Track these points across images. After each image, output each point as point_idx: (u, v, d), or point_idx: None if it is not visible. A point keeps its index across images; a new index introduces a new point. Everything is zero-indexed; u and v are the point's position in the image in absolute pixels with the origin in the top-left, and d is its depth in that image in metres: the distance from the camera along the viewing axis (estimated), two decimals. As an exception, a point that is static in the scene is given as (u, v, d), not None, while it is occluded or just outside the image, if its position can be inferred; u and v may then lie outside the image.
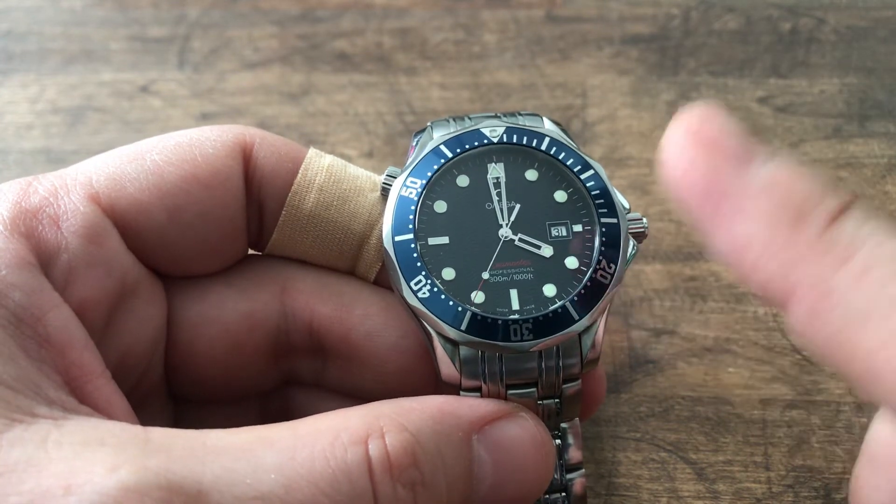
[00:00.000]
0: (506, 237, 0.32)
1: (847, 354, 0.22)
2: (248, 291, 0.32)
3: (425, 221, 0.32)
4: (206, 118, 0.51)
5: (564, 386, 0.31)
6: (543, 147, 0.33)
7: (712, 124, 0.24)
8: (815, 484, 0.38)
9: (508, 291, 0.31)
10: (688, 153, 0.24)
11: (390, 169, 0.33)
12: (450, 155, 0.33)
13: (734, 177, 0.23)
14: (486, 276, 0.31)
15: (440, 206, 0.32)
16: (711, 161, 0.24)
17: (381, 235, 0.32)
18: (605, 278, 0.31)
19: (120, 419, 0.27)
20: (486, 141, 0.33)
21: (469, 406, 0.29)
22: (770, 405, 0.40)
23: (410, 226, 0.31)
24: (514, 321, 0.30)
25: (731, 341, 0.42)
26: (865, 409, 0.40)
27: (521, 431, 0.29)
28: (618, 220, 0.32)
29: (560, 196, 0.33)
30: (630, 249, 0.32)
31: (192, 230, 0.31)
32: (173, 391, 0.34)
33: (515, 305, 0.31)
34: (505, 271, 0.31)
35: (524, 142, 0.33)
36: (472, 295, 0.31)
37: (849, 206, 0.23)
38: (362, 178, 0.33)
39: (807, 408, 0.40)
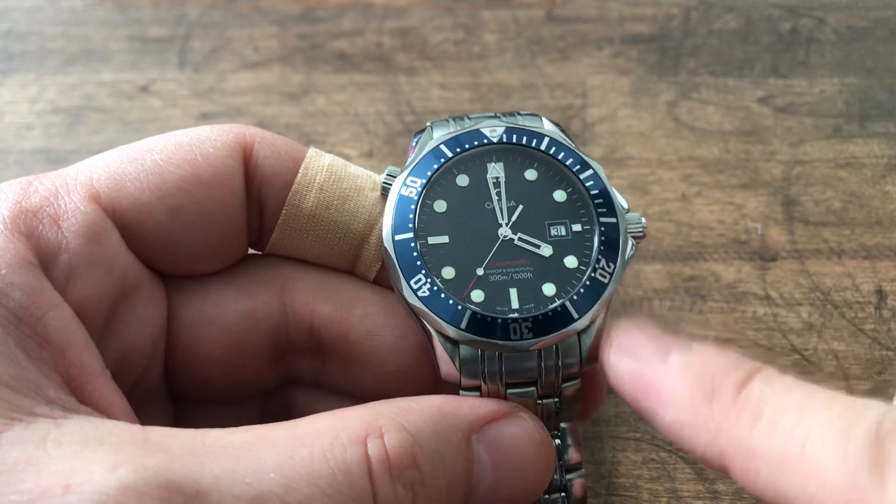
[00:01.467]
0: (505, 236, 0.32)
1: (783, 501, 0.24)
2: (249, 291, 0.32)
3: (425, 221, 0.32)
4: (206, 118, 0.51)
5: (564, 385, 0.31)
6: (543, 147, 0.33)
7: (631, 334, 0.29)
8: (815, 484, 0.38)
9: (508, 290, 0.31)
10: (619, 358, 0.29)
11: (390, 168, 0.33)
12: (450, 154, 0.33)
13: (657, 367, 0.28)
14: (480, 272, 0.31)
15: (440, 206, 0.32)
16: (637, 359, 0.28)
17: (381, 235, 0.32)
18: (605, 277, 0.31)
19: (119, 419, 0.27)
20: (485, 141, 0.33)
21: (468, 406, 0.29)
22: (770, 405, 0.40)
23: (410, 225, 0.31)
24: (514, 320, 0.30)
25: (731, 341, 0.42)
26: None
27: (521, 431, 0.29)
28: (617, 219, 0.32)
29: (559, 196, 0.33)
30: (629, 249, 0.32)
31: (193, 230, 0.31)
32: (173, 391, 0.34)
33: (515, 304, 0.31)
34: (504, 270, 0.31)
35: (524, 142, 0.33)
36: (467, 291, 0.31)
37: (754, 373, 0.26)
38: (362, 178, 0.33)
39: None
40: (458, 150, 0.33)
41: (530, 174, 0.33)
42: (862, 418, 0.23)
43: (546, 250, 0.32)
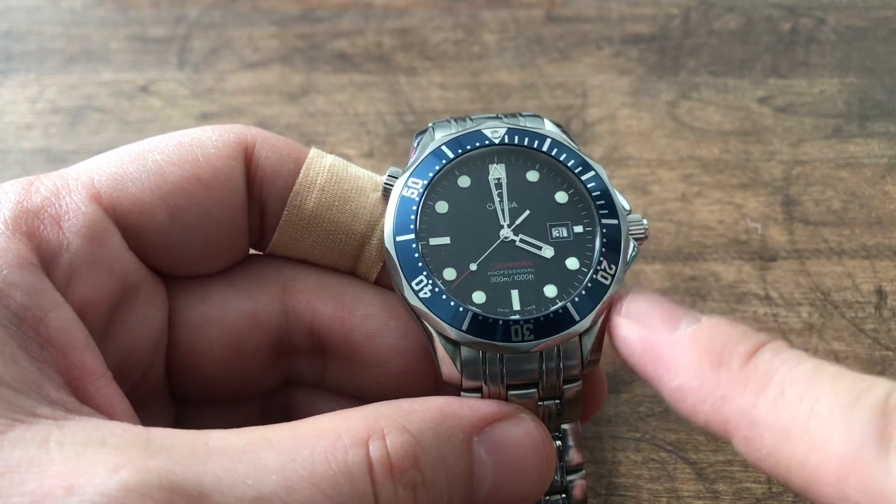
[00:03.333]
0: (506, 237, 0.32)
1: (784, 471, 0.24)
2: (250, 291, 0.32)
3: (427, 222, 0.32)
4: (206, 118, 0.51)
5: (565, 387, 0.31)
6: (545, 148, 0.33)
7: (641, 302, 0.30)
8: (815, 484, 0.38)
9: (509, 292, 0.31)
10: (628, 326, 0.29)
11: (392, 169, 0.33)
12: (451, 156, 0.33)
13: (666, 336, 0.28)
14: (473, 267, 0.31)
15: (441, 207, 0.32)
16: (646, 327, 0.29)
17: (382, 235, 0.32)
18: (606, 279, 0.31)
19: (121, 419, 0.27)
20: (487, 142, 0.33)
21: (470, 407, 0.29)
22: (770, 405, 0.40)
23: (412, 226, 0.31)
24: (515, 321, 0.30)
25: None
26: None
27: (522, 433, 0.29)
28: (618, 221, 0.32)
29: (561, 197, 0.33)
30: (630, 251, 0.32)
31: (194, 230, 0.31)
32: (174, 391, 0.34)
33: (516, 306, 0.31)
34: (506, 272, 0.31)
35: (525, 143, 0.33)
36: (457, 282, 0.31)
37: (763, 344, 0.26)
38: (364, 178, 0.33)
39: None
40: (459, 151, 0.33)
41: (532, 175, 0.33)
42: (870, 393, 0.23)
43: (548, 252, 0.32)
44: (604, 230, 0.32)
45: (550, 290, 0.31)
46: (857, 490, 0.23)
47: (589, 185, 0.33)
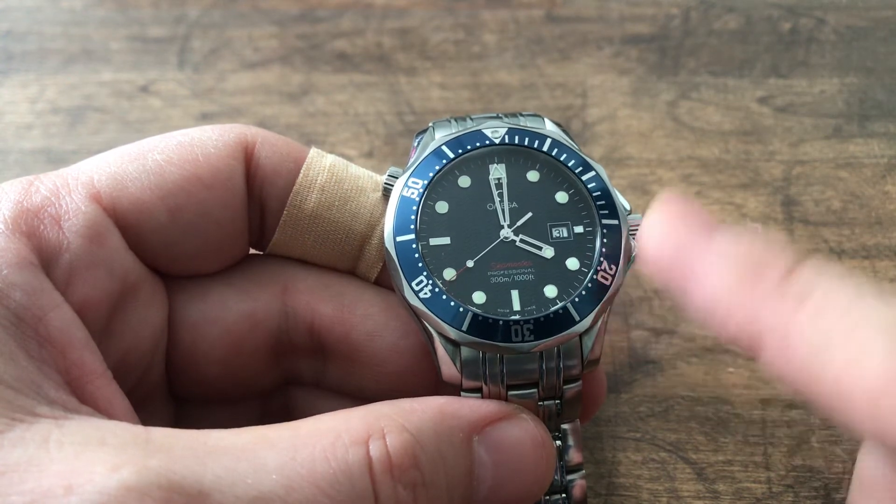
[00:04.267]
0: (507, 238, 0.32)
1: (815, 386, 0.24)
2: (250, 291, 0.32)
3: (427, 222, 0.32)
4: (206, 118, 0.51)
5: (565, 387, 0.31)
6: (545, 148, 0.33)
7: (682, 205, 0.28)
8: (815, 484, 0.38)
9: (510, 292, 0.31)
10: (662, 228, 0.27)
11: (392, 169, 0.33)
12: (451, 155, 0.33)
13: (701, 244, 0.26)
14: (470, 263, 0.31)
15: (442, 207, 0.32)
16: (681, 232, 0.27)
17: (382, 235, 0.32)
18: (606, 280, 0.31)
19: (121, 419, 0.27)
20: (487, 142, 0.33)
21: (470, 407, 0.29)
22: (770, 405, 0.40)
23: (412, 226, 0.31)
24: (515, 322, 0.30)
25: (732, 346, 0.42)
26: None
27: (522, 433, 0.29)
28: (619, 221, 0.32)
29: (561, 197, 0.33)
30: (631, 251, 0.32)
31: (194, 230, 0.31)
32: (174, 391, 0.34)
33: (516, 306, 0.31)
34: (506, 272, 0.31)
35: (526, 143, 0.33)
36: (448, 274, 0.31)
37: (803, 259, 0.25)
38: (364, 178, 0.33)
39: (807, 407, 0.40)
40: (459, 151, 0.33)
41: (532, 175, 0.33)
42: None
43: (548, 252, 0.32)
44: (604, 230, 0.32)
45: (551, 291, 0.31)
46: (891, 411, 0.22)
47: (589, 185, 0.33)
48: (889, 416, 0.22)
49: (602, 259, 0.31)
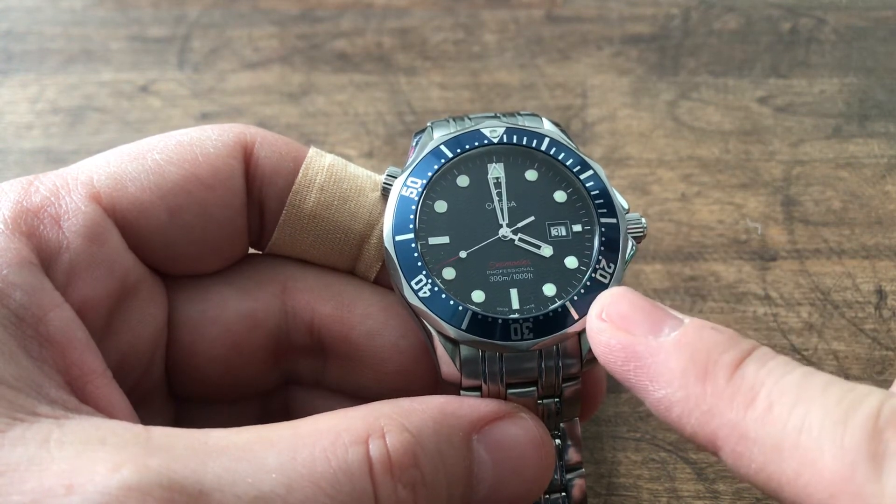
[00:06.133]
0: (505, 237, 0.32)
1: (774, 487, 0.24)
2: (249, 291, 0.32)
3: (426, 221, 0.32)
4: (206, 118, 0.51)
5: (564, 386, 0.31)
6: (543, 147, 0.33)
7: (622, 305, 0.28)
8: (815, 483, 0.38)
9: (508, 291, 0.31)
10: (609, 332, 0.28)
11: (391, 169, 0.33)
12: (450, 155, 0.33)
13: (649, 344, 0.27)
14: (463, 255, 0.31)
15: (440, 206, 0.32)
16: (627, 335, 0.27)
17: (381, 235, 0.32)
18: (605, 278, 0.31)
19: (121, 418, 0.27)
20: (486, 141, 0.33)
21: (469, 406, 0.29)
22: (770, 405, 0.40)
23: (411, 225, 0.31)
24: (514, 320, 0.30)
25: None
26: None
27: (521, 432, 0.29)
28: (617, 220, 0.32)
29: (560, 196, 0.33)
30: (629, 249, 0.32)
31: (193, 229, 0.31)
32: (174, 390, 0.34)
33: (515, 305, 0.31)
34: (505, 271, 0.31)
35: (524, 142, 0.33)
36: (440, 266, 0.31)
37: (749, 353, 0.26)
38: (363, 178, 0.33)
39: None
40: (458, 150, 0.33)
41: (531, 174, 0.33)
42: (860, 406, 0.23)
43: (546, 251, 0.32)
44: (602, 229, 0.32)
45: (549, 289, 0.31)
46: None
47: (588, 185, 0.33)
48: None
49: (600, 257, 0.31)
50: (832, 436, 0.23)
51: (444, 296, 0.30)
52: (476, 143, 0.33)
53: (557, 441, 0.32)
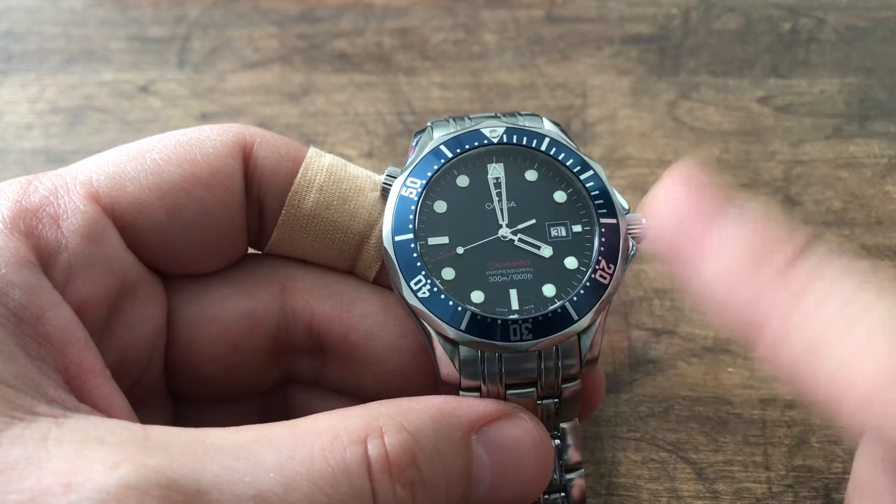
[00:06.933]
0: (505, 237, 0.32)
1: (812, 379, 0.23)
2: (248, 290, 0.32)
3: (425, 221, 0.32)
4: (206, 118, 0.51)
5: (563, 386, 0.31)
6: (543, 147, 0.33)
7: (696, 175, 0.27)
8: (815, 484, 0.38)
9: (508, 291, 0.31)
10: (672, 197, 0.27)
11: (390, 169, 0.33)
12: (450, 155, 0.33)
13: (710, 219, 0.26)
14: (460, 250, 0.31)
15: (440, 206, 0.32)
16: (691, 204, 0.26)
17: (380, 235, 0.32)
18: (605, 279, 0.31)
19: (119, 417, 0.27)
20: (485, 141, 0.33)
21: (468, 406, 0.29)
22: (770, 405, 0.40)
23: (410, 226, 0.31)
24: (514, 321, 0.30)
25: (731, 341, 0.42)
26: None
27: (521, 432, 0.29)
28: (617, 220, 0.32)
29: (560, 196, 0.33)
30: (629, 250, 0.32)
31: (192, 229, 0.31)
32: (173, 390, 0.34)
33: (515, 305, 0.31)
34: (504, 271, 0.31)
35: (524, 142, 0.33)
36: (438, 259, 0.31)
37: (809, 246, 0.25)
38: (362, 178, 0.33)
39: (806, 407, 0.40)
40: (458, 150, 0.33)
41: (531, 175, 0.33)
42: None
43: (546, 251, 0.32)
44: (602, 229, 0.32)
45: (549, 290, 0.31)
46: (884, 412, 0.22)
47: (588, 185, 0.33)
48: (886, 412, 0.22)
49: (600, 258, 0.31)
50: (884, 336, 0.22)
51: (443, 296, 0.30)
52: (476, 143, 0.33)
53: (557, 441, 0.32)
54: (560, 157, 0.33)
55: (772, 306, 0.24)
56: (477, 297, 0.31)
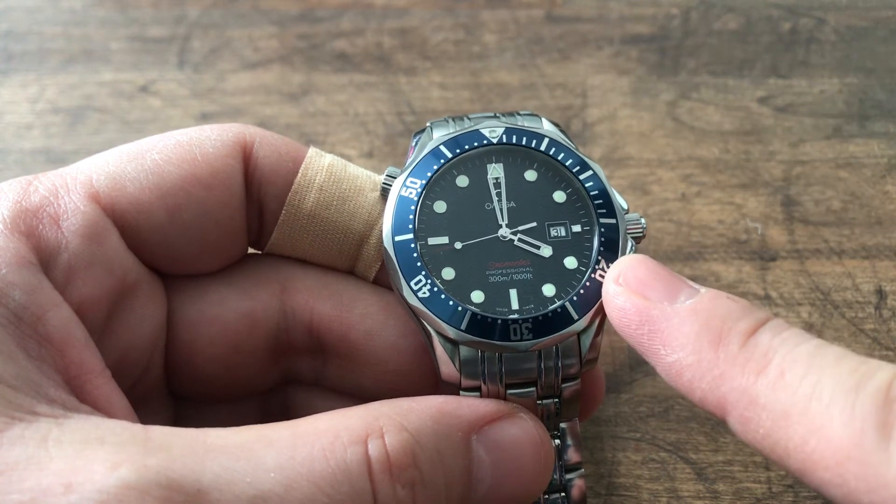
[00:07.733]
0: (505, 237, 0.32)
1: (781, 453, 0.24)
2: (248, 290, 0.32)
3: (425, 221, 0.32)
4: (206, 118, 0.51)
5: (563, 386, 0.31)
6: (543, 147, 0.33)
7: (639, 270, 0.28)
8: (815, 484, 0.38)
9: (508, 291, 0.31)
10: (621, 297, 0.28)
11: (390, 169, 0.33)
12: (449, 155, 0.33)
13: (663, 309, 0.27)
14: (458, 245, 0.31)
15: (440, 207, 0.32)
16: (640, 301, 0.28)
17: (380, 235, 0.32)
18: (604, 278, 0.31)
19: (120, 418, 0.27)
20: (485, 141, 0.33)
21: (468, 406, 0.29)
22: (770, 405, 0.40)
23: (410, 226, 0.31)
24: (514, 321, 0.30)
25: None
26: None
27: (521, 432, 0.29)
28: (616, 220, 0.32)
29: (559, 196, 0.33)
30: (629, 250, 0.32)
31: (192, 229, 0.31)
32: (173, 390, 0.34)
33: (515, 305, 0.31)
34: (504, 271, 0.31)
35: (523, 142, 0.33)
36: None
37: (764, 322, 0.26)
38: (362, 178, 0.33)
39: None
40: (457, 150, 0.33)
41: (530, 175, 0.33)
42: (872, 378, 0.23)
43: (546, 251, 0.32)
44: (602, 229, 0.32)
45: (549, 290, 0.31)
46: (855, 476, 0.22)
47: (587, 185, 0.33)
48: (854, 482, 0.22)
49: (600, 258, 0.31)
50: (843, 404, 0.23)
51: (443, 296, 0.30)
52: (475, 144, 0.33)
53: (557, 441, 0.32)
54: (559, 158, 0.33)
55: (733, 384, 0.25)
56: (477, 296, 0.31)
